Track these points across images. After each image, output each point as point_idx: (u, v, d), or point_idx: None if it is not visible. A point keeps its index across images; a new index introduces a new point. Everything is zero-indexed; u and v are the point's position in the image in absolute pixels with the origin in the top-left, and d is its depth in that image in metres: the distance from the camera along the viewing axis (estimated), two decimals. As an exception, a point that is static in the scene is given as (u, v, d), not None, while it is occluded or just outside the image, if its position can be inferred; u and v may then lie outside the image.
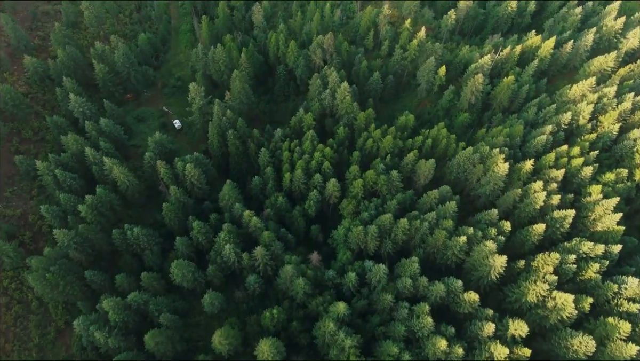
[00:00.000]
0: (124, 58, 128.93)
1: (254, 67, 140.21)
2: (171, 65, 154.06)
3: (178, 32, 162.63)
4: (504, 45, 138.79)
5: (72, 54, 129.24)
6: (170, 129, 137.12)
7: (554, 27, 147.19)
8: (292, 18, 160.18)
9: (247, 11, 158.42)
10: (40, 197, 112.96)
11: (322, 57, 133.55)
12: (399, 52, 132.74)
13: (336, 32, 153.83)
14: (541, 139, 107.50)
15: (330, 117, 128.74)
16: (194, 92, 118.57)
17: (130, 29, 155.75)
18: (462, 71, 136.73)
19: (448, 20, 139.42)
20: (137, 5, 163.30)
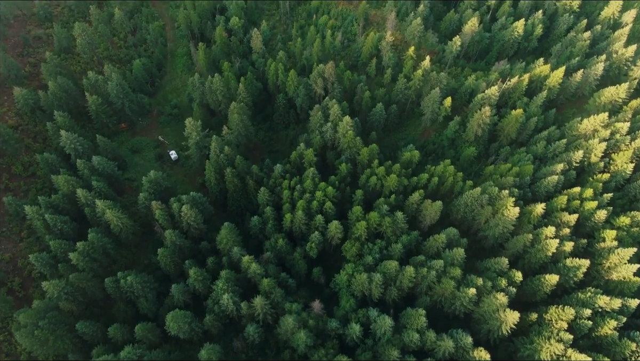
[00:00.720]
0: (118, 89, 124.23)
1: (253, 95, 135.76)
2: (167, 91, 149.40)
3: (174, 55, 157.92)
4: (511, 73, 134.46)
5: (64, 85, 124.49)
6: (166, 160, 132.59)
7: (561, 52, 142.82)
8: (292, 40, 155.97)
9: (246, 34, 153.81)
10: (30, 239, 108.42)
11: (323, 86, 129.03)
12: (402, 81, 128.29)
13: (337, 56, 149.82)
14: (552, 180, 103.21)
15: (332, 149, 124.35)
16: (190, 128, 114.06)
17: (124, 53, 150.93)
18: (468, 100, 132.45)
19: (453, 47, 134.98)
20: (132, 28, 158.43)
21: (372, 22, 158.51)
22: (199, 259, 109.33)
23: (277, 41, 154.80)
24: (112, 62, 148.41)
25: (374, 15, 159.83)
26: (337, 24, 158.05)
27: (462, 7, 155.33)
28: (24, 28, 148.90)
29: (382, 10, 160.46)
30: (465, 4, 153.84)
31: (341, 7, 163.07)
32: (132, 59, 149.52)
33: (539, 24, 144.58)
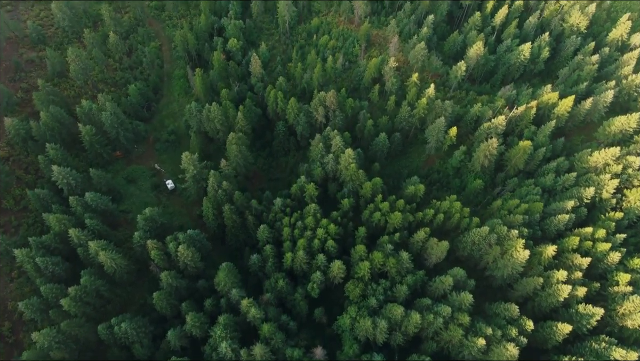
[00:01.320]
0: (112, 118, 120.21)
1: (252, 121, 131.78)
2: (164, 115, 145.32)
3: (171, 77, 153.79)
4: (518, 99, 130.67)
5: (56, 114, 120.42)
6: (163, 190, 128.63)
7: (568, 76, 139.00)
8: (292, 62, 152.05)
9: (244, 56, 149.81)
10: (20, 279, 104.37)
11: (324, 114, 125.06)
12: (406, 108, 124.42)
13: (338, 78, 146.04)
14: (563, 218, 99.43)
15: (333, 180, 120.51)
16: (187, 162, 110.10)
17: (120, 75, 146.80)
18: (474, 127, 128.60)
19: (458, 72, 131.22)
20: (127, 49, 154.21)
21: (374, 42, 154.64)
22: (196, 298, 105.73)
23: (277, 63, 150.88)
24: (107, 85, 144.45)
25: (375, 36, 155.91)
26: (338, 45, 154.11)
27: (466, 27, 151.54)
28: (16, 51, 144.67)
29: (384, 30, 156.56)
30: (470, 25, 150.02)
31: (342, 26, 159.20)
32: (127, 83, 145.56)
33: (546, 47, 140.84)
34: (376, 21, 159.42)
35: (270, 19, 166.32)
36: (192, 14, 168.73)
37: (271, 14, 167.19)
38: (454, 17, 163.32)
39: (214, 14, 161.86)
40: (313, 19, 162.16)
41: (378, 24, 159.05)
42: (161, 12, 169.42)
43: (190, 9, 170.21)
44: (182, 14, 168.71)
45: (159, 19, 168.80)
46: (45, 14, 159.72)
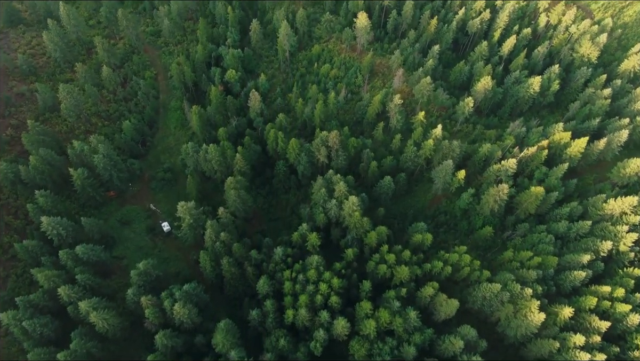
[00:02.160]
0: (105, 161, 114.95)
1: (251, 159, 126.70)
2: (159, 150, 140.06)
3: (167, 109, 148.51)
4: (527, 136, 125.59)
5: (47, 157, 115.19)
6: (158, 232, 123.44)
7: (579, 110, 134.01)
8: (292, 92, 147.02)
9: (243, 87, 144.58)
10: (7, 337, 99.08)
11: (327, 154, 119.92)
12: (412, 148, 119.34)
13: (340, 110, 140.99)
14: (579, 275, 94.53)
15: (336, 226, 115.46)
16: (184, 212, 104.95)
17: (114, 108, 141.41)
18: (482, 167, 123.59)
19: (465, 108, 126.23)
20: (122, 79, 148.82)
21: (377, 72, 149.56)
22: (193, 353, 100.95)
23: (277, 94, 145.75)
24: (100, 118, 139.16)
25: (378, 65, 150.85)
26: (340, 75, 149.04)
27: (473, 56, 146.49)
28: (5, 84, 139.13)
29: (387, 59, 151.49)
30: (476, 54, 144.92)
31: (344, 55, 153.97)
32: (122, 116, 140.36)
33: (556, 80, 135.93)
34: (379, 49, 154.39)
35: (269, 45, 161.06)
36: (189, 39, 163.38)
37: (270, 40, 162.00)
38: (460, 44, 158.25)
39: (212, 41, 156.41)
40: (314, 45, 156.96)
41: (381, 52, 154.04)
42: (157, 39, 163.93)
43: (187, 34, 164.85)
44: (178, 39, 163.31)
45: (155, 45, 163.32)
46: (37, 42, 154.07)
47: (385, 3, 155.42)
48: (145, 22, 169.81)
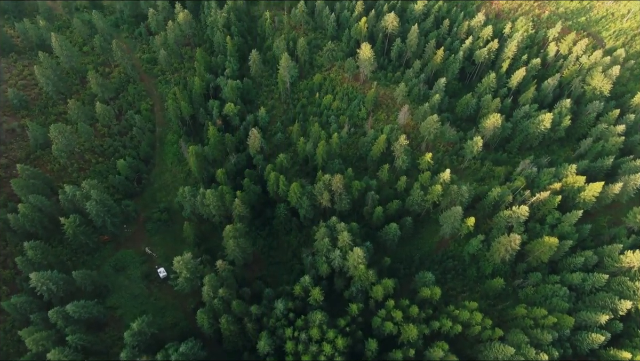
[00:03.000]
0: (98, 207, 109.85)
1: (251, 200, 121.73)
2: (156, 188, 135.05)
3: (163, 142, 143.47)
4: (539, 177, 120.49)
5: (37, 203, 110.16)
6: (154, 278, 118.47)
7: (592, 147, 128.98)
8: (293, 124, 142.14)
9: (242, 121, 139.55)
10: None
11: (330, 198, 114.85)
12: (418, 192, 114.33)
13: (343, 145, 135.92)
14: (597, 338, 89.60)
15: (340, 275, 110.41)
16: (180, 266, 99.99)
17: (108, 144, 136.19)
18: (492, 210, 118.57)
19: (474, 148, 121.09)
20: (116, 111, 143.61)
21: (381, 103, 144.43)
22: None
23: (277, 128, 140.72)
24: (94, 155, 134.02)
25: (382, 96, 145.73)
26: (343, 106, 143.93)
27: (480, 88, 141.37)
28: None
29: (391, 90, 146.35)
30: (484, 85, 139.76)
31: (346, 84, 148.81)
32: (116, 152, 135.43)
33: (567, 115, 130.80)
34: (383, 78, 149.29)
35: (269, 73, 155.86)
36: (187, 67, 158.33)
37: (270, 67, 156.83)
38: (466, 72, 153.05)
39: (210, 70, 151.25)
40: (315, 74, 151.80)
41: (385, 81, 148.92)
42: (153, 66, 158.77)
43: (184, 62, 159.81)
44: (175, 67, 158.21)
45: (151, 73, 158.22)
46: (29, 72, 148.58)
47: (389, 30, 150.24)
48: (141, 49, 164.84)
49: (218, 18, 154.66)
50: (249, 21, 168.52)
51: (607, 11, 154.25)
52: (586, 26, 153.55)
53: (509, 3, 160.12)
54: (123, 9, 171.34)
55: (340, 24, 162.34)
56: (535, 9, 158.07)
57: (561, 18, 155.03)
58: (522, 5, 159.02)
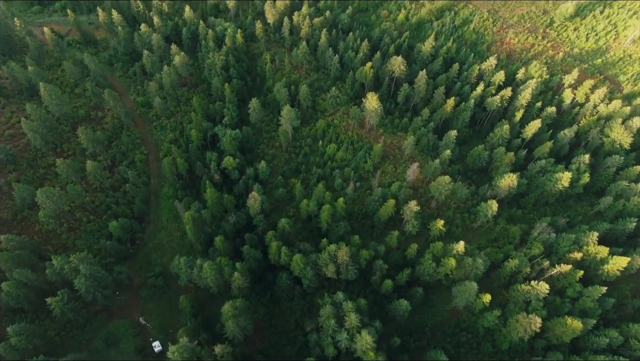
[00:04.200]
0: (88, 283, 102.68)
1: (251, 265, 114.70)
2: (150, 248, 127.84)
3: (159, 196, 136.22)
4: (557, 244, 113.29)
5: (23, 278, 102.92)
6: (149, 353, 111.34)
7: (612, 206, 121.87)
8: (294, 177, 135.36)
9: (242, 175, 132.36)
10: None
11: (335, 269, 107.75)
12: (430, 263, 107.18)
13: (349, 201, 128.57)
14: None
15: (347, 355, 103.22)
16: (176, 353, 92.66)
17: (100, 200, 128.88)
18: (509, 280, 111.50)
19: (488, 212, 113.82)
20: (109, 163, 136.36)
21: (389, 154, 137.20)
22: None
23: (278, 182, 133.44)
24: (85, 213, 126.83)
25: (389, 145, 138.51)
26: (348, 157, 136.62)
27: (492, 138, 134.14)
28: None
29: (398, 138, 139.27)
30: (497, 136, 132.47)
31: (351, 132, 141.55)
32: (109, 209, 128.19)
33: (586, 172, 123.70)
34: (389, 124, 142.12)
35: (270, 118, 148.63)
36: (183, 110, 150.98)
37: (271, 111, 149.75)
38: (477, 119, 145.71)
39: (207, 117, 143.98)
40: (318, 120, 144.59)
41: (392, 128, 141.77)
42: (148, 110, 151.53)
43: (181, 105, 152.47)
44: (171, 111, 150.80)
45: (146, 118, 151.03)
46: (17, 119, 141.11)
47: (396, 74, 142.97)
48: (136, 90, 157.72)
49: (216, 61, 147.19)
50: (249, 60, 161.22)
51: (624, 53, 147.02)
52: (602, 69, 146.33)
53: (521, 43, 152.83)
54: (117, 46, 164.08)
55: (344, 64, 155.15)
56: (548, 49, 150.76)
57: (576, 60, 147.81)
58: (534, 46, 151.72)
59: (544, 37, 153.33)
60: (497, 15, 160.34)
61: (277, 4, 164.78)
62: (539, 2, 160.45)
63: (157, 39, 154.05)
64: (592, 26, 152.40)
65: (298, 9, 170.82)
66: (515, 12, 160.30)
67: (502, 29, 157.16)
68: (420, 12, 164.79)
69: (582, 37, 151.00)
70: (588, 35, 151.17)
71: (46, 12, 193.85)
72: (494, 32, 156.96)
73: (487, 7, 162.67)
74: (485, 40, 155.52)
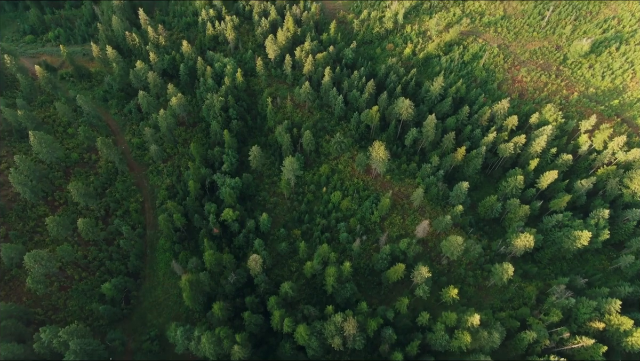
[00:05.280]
0: (80, 356, 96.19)
1: (252, 331, 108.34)
2: (145, 307, 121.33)
3: (154, 249, 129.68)
4: (577, 309, 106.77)
5: (9, 354, 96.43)
6: None
7: (633, 264, 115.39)
8: (297, 227, 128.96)
9: (242, 228, 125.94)
10: None
11: (341, 341, 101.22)
12: (442, 335, 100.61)
13: (354, 257, 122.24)
14: None
15: None
16: None
17: (94, 254, 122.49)
18: (526, 352, 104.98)
19: (504, 276, 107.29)
20: (102, 213, 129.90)
21: (396, 202, 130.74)
22: None
23: (280, 235, 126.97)
24: (77, 269, 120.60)
25: (397, 193, 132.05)
26: (354, 207, 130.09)
27: (506, 188, 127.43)
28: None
29: (406, 186, 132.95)
30: (510, 186, 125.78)
31: (356, 179, 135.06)
32: (102, 265, 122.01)
33: (605, 228, 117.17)
34: (396, 169, 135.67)
35: (271, 161, 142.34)
36: (181, 152, 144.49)
37: (272, 153, 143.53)
38: (488, 163, 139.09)
39: (206, 163, 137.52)
40: (322, 164, 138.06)
41: (399, 173, 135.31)
42: (144, 153, 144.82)
43: (178, 146, 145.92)
44: (168, 153, 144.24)
45: (142, 161, 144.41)
46: (7, 165, 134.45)
47: (403, 117, 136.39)
48: (131, 130, 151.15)
49: (215, 102, 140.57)
50: (249, 98, 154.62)
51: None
52: (619, 111, 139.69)
53: (534, 82, 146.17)
54: (111, 82, 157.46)
55: (349, 103, 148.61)
56: (562, 88, 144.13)
57: (592, 101, 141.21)
58: (548, 85, 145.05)
59: (558, 75, 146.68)
60: (508, 51, 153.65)
61: (279, 38, 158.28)
62: (552, 36, 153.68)
63: (153, 77, 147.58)
64: (607, 64, 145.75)
65: (300, 41, 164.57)
66: (527, 47, 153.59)
67: (514, 66, 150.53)
68: (427, 46, 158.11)
69: (597, 76, 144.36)
70: (604, 73, 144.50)
71: (39, 42, 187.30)
72: (505, 70, 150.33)
73: (497, 41, 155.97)
74: (496, 78, 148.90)
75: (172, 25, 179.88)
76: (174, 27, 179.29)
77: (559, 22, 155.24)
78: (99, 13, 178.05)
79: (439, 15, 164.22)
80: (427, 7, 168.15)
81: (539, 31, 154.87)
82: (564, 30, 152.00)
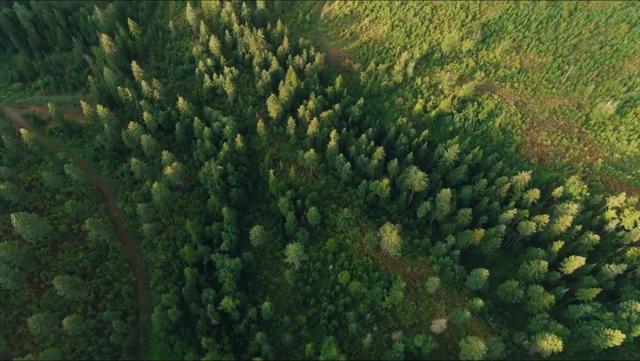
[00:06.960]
0: None
1: None
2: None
3: (149, 336, 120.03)
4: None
5: None
6: None
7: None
8: (302, 312, 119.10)
9: (243, 317, 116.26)
10: None
11: None
12: None
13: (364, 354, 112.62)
14: None
15: None
16: None
17: (82, 347, 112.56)
18: None
19: None
20: (92, 294, 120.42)
21: (409, 285, 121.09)
22: None
23: (285, 324, 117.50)
24: None
25: (409, 274, 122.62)
26: (363, 290, 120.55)
27: (526, 270, 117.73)
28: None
29: (419, 265, 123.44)
30: (532, 270, 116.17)
31: (365, 257, 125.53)
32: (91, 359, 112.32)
33: (638, 323, 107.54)
34: (409, 245, 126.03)
35: (273, 232, 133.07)
36: (177, 222, 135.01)
37: (274, 223, 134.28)
38: (507, 237, 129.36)
39: (203, 239, 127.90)
40: (328, 238, 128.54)
41: (411, 250, 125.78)
42: (137, 224, 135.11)
43: (174, 215, 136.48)
44: (163, 223, 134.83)
45: (134, 234, 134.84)
46: None
47: (416, 189, 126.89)
48: (124, 196, 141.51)
49: (213, 171, 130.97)
50: (249, 161, 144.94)
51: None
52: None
53: (554, 146, 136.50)
54: (103, 143, 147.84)
55: (356, 168, 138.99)
56: (586, 154, 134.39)
57: (617, 169, 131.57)
58: (569, 150, 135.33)
59: (580, 138, 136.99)
60: (526, 109, 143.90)
61: (281, 93, 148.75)
62: (572, 93, 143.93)
63: (147, 140, 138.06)
64: (633, 126, 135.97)
65: (304, 95, 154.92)
66: (546, 105, 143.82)
67: (532, 127, 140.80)
68: (439, 103, 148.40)
69: (622, 140, 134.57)
70: (630, 137, 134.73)
71: (28, 90, 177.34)
72: (523, 130, 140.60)
73: (514, 98, 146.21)
74: (514, 140, 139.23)
75: (167, 72, 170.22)
76: (170, 74, 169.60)
77: (580, 77, 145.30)
78: (90, 62, 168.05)
79: (451, 67, 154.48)
80: (438, 57, 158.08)
81: (558, 87, 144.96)
82: (585, 88, 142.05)
